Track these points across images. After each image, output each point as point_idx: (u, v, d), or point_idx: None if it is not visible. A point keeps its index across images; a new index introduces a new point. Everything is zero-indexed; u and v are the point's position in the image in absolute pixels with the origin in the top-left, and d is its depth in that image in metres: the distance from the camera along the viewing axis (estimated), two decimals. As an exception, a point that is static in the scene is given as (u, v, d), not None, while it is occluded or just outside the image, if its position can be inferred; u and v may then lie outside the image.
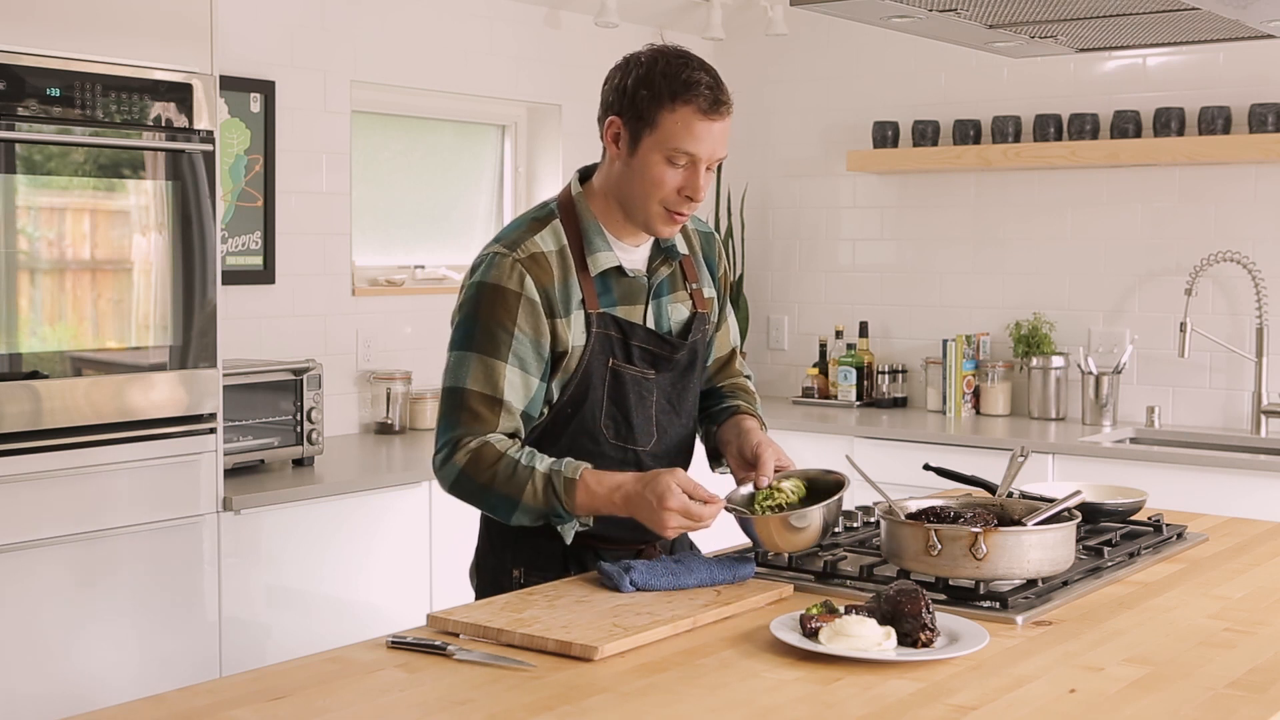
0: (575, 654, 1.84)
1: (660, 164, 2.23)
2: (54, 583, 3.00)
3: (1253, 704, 1.69)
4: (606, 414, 2.32)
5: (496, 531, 2.40)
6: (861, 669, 1.80)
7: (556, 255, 2.28)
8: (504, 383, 2.24)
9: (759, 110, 5.45)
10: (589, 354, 2.29)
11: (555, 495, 2.18)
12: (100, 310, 3.09)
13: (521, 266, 2.25)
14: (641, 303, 2.36)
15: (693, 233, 2.50)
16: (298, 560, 3.47)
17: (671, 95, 2.21)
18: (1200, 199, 4.57)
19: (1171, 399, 4.65)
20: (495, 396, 2.24)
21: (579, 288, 2.28)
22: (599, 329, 2.30)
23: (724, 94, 2.25)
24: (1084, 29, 3.33)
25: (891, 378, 5.07)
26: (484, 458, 2.22)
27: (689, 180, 2.24)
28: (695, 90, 2.21)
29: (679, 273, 2.43)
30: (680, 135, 2.21)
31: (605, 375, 2.31)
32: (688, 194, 2.24)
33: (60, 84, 2.97)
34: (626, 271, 2.34)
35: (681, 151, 2.22)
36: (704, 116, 2.22)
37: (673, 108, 2.21)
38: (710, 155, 2.24)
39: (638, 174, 2.26)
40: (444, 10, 4.57)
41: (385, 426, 4.33)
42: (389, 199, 4.69)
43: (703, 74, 2.24)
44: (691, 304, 2.44)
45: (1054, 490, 2.64)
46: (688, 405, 2.44)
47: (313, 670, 1.81)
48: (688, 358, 2.41)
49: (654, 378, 2.37)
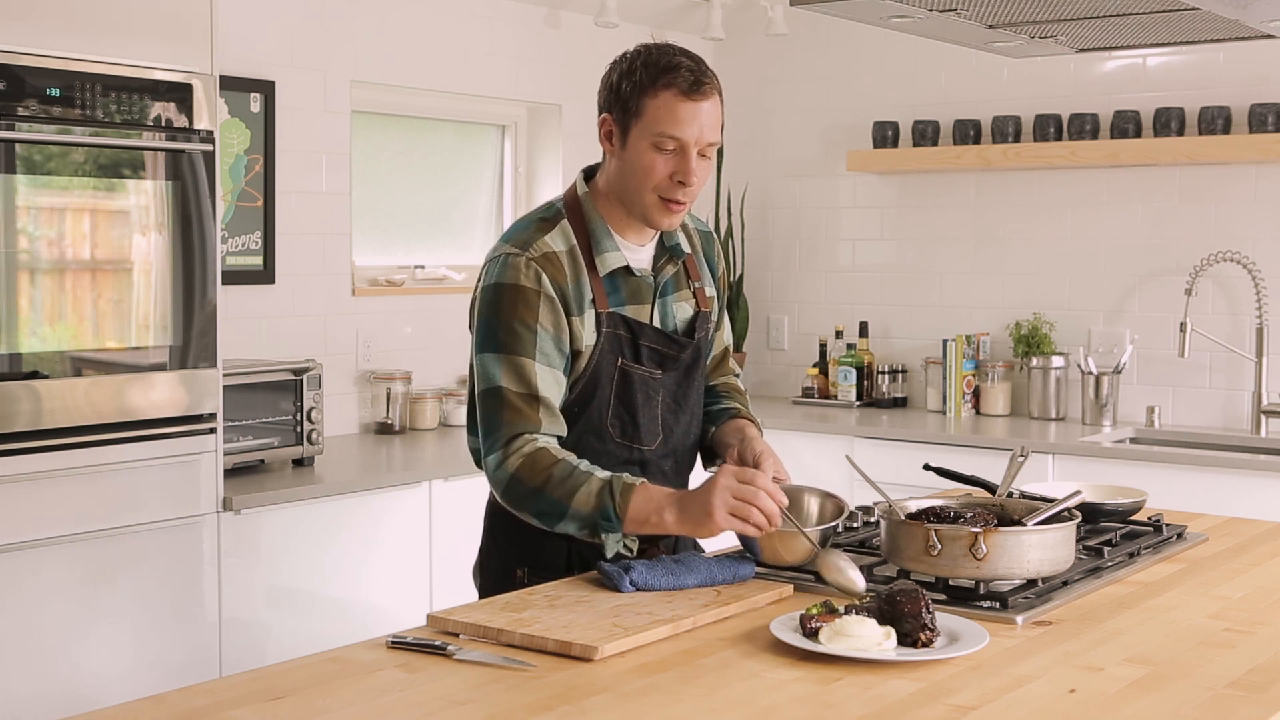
0: (575, 654, 1.84)
1: (649, 151, 2.25)
2: (54, 583, 3.00)
3: (1253, 704, 1.69)
4: (613, 413, 2.33)
5: (501, 530, 2.40)
6: (861, 669, 1.80)
7: (567, 255, 2.29)
8: (536, 379, 2.24)
9: (759, 110, 5.45)
10: (598, 353, 2.30)
11: (611, 498, 2.16)
12: (100, 310, 3.09)
13: (537, 265, 2.25)
14: (649, 302, 2.37)
15: (693, 232, 2.50)
16: (298, 560, 3.47)
17: (652, 81, 2.24)
18: (1200, 199, 4.57)
19: (1171, 399, 4.65)
20: (531, 393, 2.24)
21: (589, 287, 2.29)
22: (609, 328, 2.30)
23: (706, 76, 2.26)
24: (1084, 29, 3.33)
25: (891, 378, 5.06)
26: (539, 461, 2.21)
27: (680, 165, 2.25)
28: (675, 74, 2.23)
29: (683, 272, 2.44)
30: (664, 119, 2.23)
31: (614, 375, 2.32)
32: (679, 179, 2.25)
33: (60, 84, 2.97)
34: (633, 271, 2.34)
35: (667, 136, 2.23)
36: (685, 98, 2.23)
37: (655, 93, 2.23)
38: (698, 138, 2.24)
39: (630, 166, 2.27)
40: (444, 10, 4.57)
41: (385, 426, 4.33)
42: (389, 199, 4.69)
43: (683, 59, 2.26)
44: (695, 303, 2.44)
45: (1054, 490, 2.64)
46: (691, 404, 2.44)
47: (313, 670, 1.81)
48: (691, 356, 2.42)
49: (660, 377, 2.37)
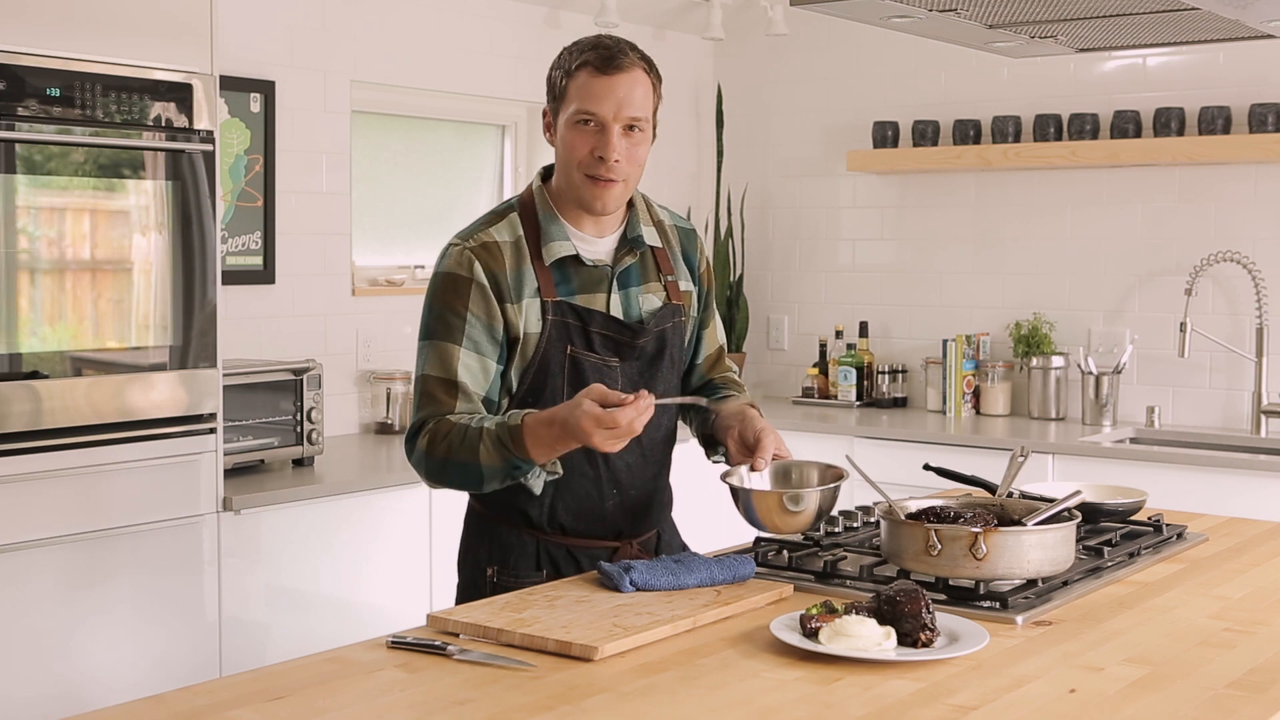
0: (575, 654, 1.84)
1: (570, 130, 2.31)
2: (54, 583, 3.00)
3: (1253, 704, 1.69)
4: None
5: (474, 530, 2.44)
6: (861, 669, 1.80)
7: (510, 245, 2.33)
8: (458, 364, 2.28)
9: (759, 110, 5.45)
10: (545, 341, 2.32)
11: (506, 448, 2.19)
12: (100, 310, 3.09)
13: (470, 253, 2.30)
14: (603, 291, 2.38)
15: (671, 229, 2.52)
16: (298, 560, 3.47)
17: (571, 64, 2.31)
18: (1200, 199, 4.57)
19: (1171, 399, 4.65)
20: (450, 379, 2.28)
21: (534, 276, 2.32)
22: (555, 316, 2.32)
23: (621, 52, 2.30)
24: (1084, 29, 3.33)
25: (891, 378, 5.06)
26: (438, 433, 2.26)
27: (598, 141, 2.29)
28: (591, 52, 2.30)
29: (651, 264, 2.44)
30: (580, 96, 2.29)
31: (564, 363, 2.33)
32: (599, 154, 2.28)
33: (60, 84, 2.97)
34: (585, 261, 2.36)
35: (582, 111, 2.29)
36: (599, 74, 2.28)
37: (574, 74, 2.31)
38: (615, 113, 2.28)
39: (560, 150, 2.34)
40: (444, 10, 4.57)
41: (385, 426, 4.33)
42: (389, 199, 4.69)
43: (605, 39, 2.32)
44: (665, 295, 2.45)
45: (1054, 490, 2.64)
46: (658, 394, 2.42)
47: (313, 670, 1.81)
48: (655, 345, 2.41)
49: (618, 365, 2.37)
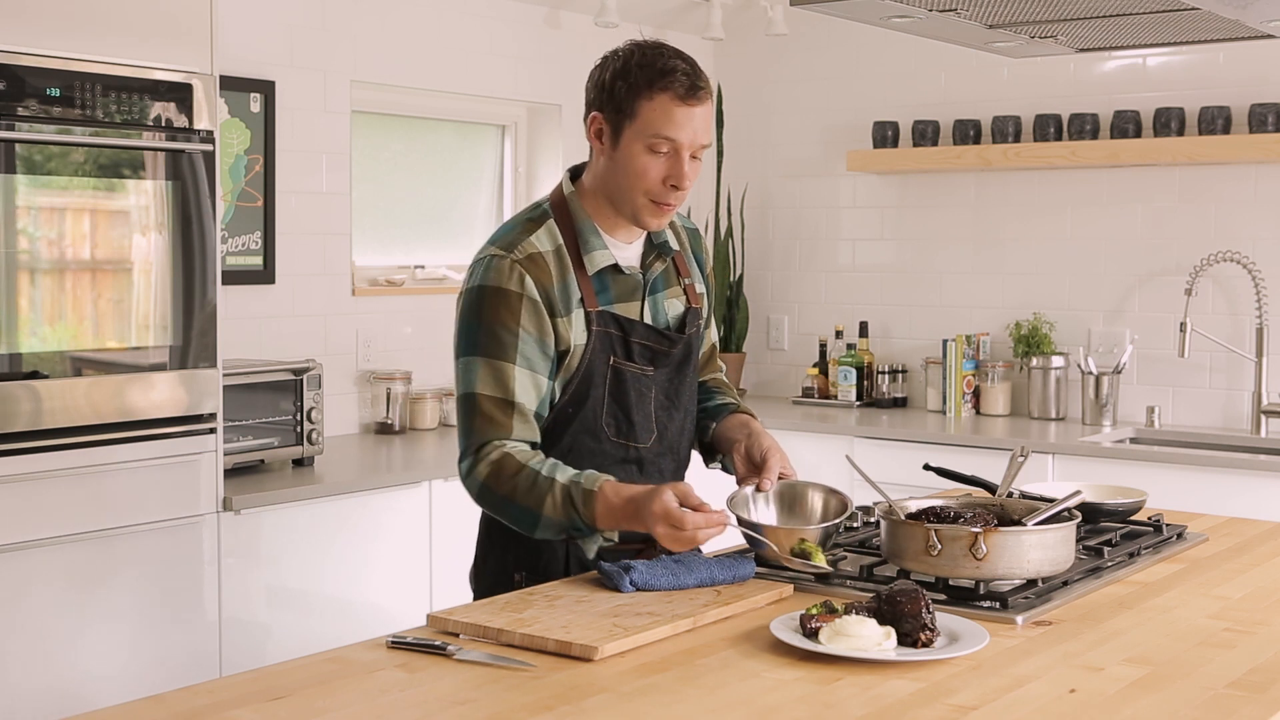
0: (575, 654, 1.84)
1: (643, 154, 2.24)
2: (54, 583, 3.00)
3: (1253, 704, 1.69)
4: (608, 412, 2.32)
5: (498, 534, 2.39)
6: (861, 669, 1.80)
7: (553, 255, 2.28)
8: (514, 384, 2.23)
9: (759, 110, 5.45)
10: (590, 353, 2.29)
11: (574, 508, 2.16)
12: (100, 310, 3.09)
13: (520, 267, 2.25)
14: (638, 299, 2.36)
15: (680, 229, 2.51)
16: (298, 560, 3.47)
17: (648, 84, 2.23)
18: (1200, 199, 4.57)
19: (1171, 399, 4.65)
20: (507, 399, 2.23)
21: (577, 287, 2.28)
22: (599, 327, 2.29)
23: (701, 80, 2.26)
24: (1084, 29, 3.32)
25: (891, 378, 5.06)
26: (504, 469, 2.21)
27: (673, 169, 2.24)
28: (671, 77, 2.23)
29: (672, 269, 2.44)
30: (659, 122, 2.22)
31: (606, 373, 2.31)
32: (672, 183, 2.24)
33: (60, 84, 2.97)
34: (622, 269, 2.34)
35: (662, 138, 2.23)
36: (681, 102, 2.23)
37: (650, 96, 2.23)
38: (692, 141, 2.24)
39: (622, 167, 2.26)
40: (444, 10, 4.56)
41: (385, 426, 4.33)
42: (389, 199, 4.69)
43: (678, 61, 2.25)
44: (685, 299, 2.44)
45: (1054, 490, 2.64)
46: (684, 400, 2.43)
47: (313, 670, 1.81)
48: (683, 352, 2.41)
49: (652, 374, 2.36)
